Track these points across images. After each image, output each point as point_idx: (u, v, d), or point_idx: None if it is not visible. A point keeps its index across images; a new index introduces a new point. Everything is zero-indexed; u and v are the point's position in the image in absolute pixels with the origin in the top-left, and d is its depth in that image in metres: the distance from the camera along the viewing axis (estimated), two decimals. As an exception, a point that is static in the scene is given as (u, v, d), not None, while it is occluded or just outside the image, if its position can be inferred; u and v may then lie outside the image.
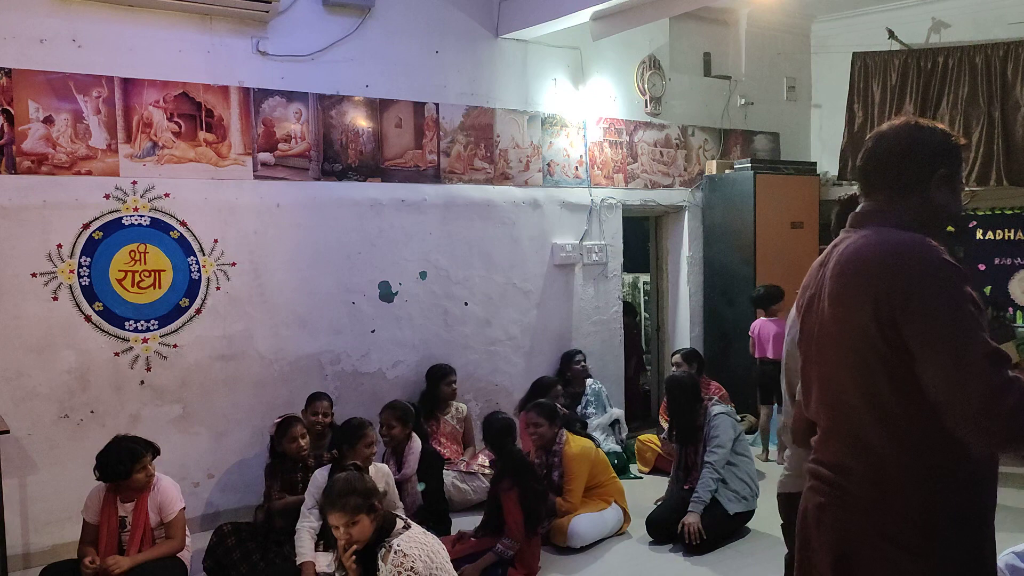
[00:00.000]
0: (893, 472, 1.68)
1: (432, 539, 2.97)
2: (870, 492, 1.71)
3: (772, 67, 7.19)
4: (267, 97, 4.76)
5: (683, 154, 6.69)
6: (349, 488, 2.88)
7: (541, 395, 5.29)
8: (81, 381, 4.27)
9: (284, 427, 4.19)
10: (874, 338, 1.64)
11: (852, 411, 1.74)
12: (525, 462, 4.15)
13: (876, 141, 1.85)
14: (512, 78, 5.70)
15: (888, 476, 1.68)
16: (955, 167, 1.82)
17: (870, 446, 1.70)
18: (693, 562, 4.14)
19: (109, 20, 4.29)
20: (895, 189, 1.80)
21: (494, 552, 3.86)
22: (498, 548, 3.87)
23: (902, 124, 1.84)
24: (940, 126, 1.84)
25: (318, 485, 3.70)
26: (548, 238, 5.91)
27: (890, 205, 1.80)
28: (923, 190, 1.78)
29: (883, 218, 1.79)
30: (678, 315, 6.86)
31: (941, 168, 1.78)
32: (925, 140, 1.80)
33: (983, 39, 6.25)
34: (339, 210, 5.01)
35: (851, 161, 6.80)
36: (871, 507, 1.71)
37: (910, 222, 1.75)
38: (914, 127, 1.82)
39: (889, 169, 1.81)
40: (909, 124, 1.83)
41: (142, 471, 3.58)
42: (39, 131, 4.15)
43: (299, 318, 4.90)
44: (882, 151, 1.83)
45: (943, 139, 1.81)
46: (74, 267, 4.25)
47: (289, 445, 4.15)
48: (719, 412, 4.47)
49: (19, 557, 4.09)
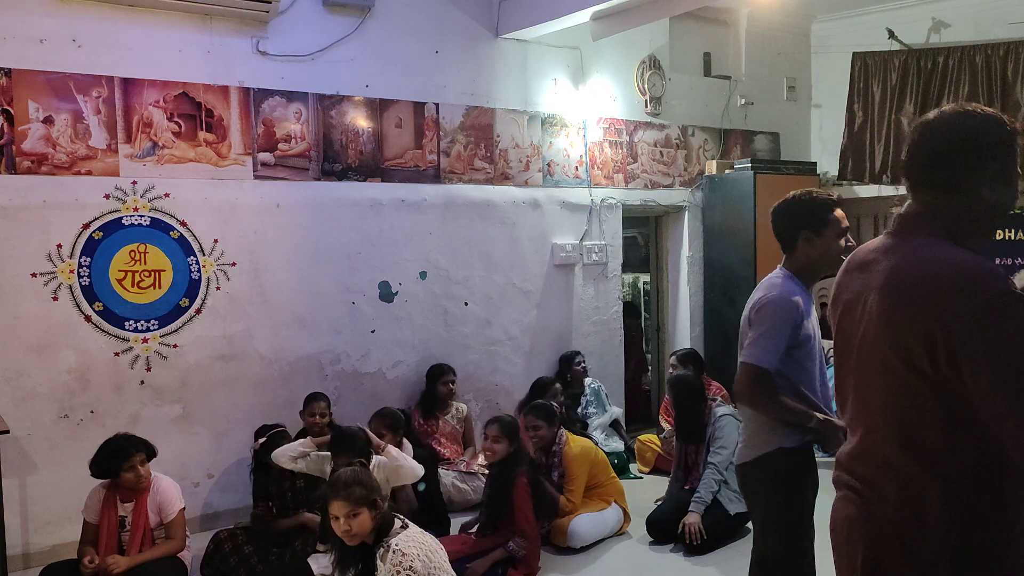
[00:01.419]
0: (930, 501, 1.60)
1: (430, 539, 2.97)
2: (903, 515, 1.63)
3: (772, 67, 7.19)
4: (267, 97, 4.76)
5: (683, 154, 6.69)
6: (355, 479, 2.88)
7: (540, 395, 5.29)
8: (81, 381, 4.27)
9: (270, 446, 4.08)
10: (922, 367, 1.55)
11: (879, 432, 1.68)
12: (532, 459, 4.18)
13: (921, 133, 1.69)
14: (512, 78, 5.70)
15: (924, 504, 1.61)
16: (1010, 159, 1.64)
17: (900, 470, 1.64)
18: (693, 562, 4.14)
19: (109, 20, 4.29)
20: (943, 188, 1.65)
21: (506, 548, 3.85)
22: (511, 546, 3.86)
23: (950, 112, 1.66)
24: (991, 112, 1.66)
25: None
26: (548, 238, 5.91)
27: (938, 207, 1.66)
28: (974, 188, 1.62)
29: (932, 224, 1.66)
30: (678, 315, 6.85)
31: (994, 163, 1.62)
32: (975, 130, 1.62)
33: (983, 39, 6.24)
34: (339, 210, 5.01)
35: (851, 161, 6.80)
36: (903, 530, 1.64)
37: (961, 226, 1.64)
38: (964, 115, 1.64)
39: (936, 166, 1.65)
40: (958, 112, 1.65)
41: (131, 471, 3.56)
42: (39, 131, 4.14)
43: (299, 318, 4.90)
44: (928, 145, 1.67)
45: (996, 127, 1.63)
46: (74, 267, 4.25)
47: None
48: (724, 413, 4.46)
49: (19, 557, 4.09)
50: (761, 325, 2.60)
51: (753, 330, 2.63)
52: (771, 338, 2.57)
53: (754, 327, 2.63)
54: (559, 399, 5.41)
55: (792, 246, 2.72)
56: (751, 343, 2.60)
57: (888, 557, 1.67)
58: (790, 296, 2.62)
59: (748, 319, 2.70)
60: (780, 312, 2.59)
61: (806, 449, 2.66)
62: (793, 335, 2.60)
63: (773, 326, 2.58)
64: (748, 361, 2.58)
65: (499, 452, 4.02)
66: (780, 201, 2.77)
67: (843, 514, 1.78)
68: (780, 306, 2.60)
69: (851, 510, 1.75)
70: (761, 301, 2.64)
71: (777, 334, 2.57)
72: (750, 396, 2.62)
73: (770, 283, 2.71)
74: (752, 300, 2.73)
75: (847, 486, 1.78)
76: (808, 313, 2.68)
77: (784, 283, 2.67)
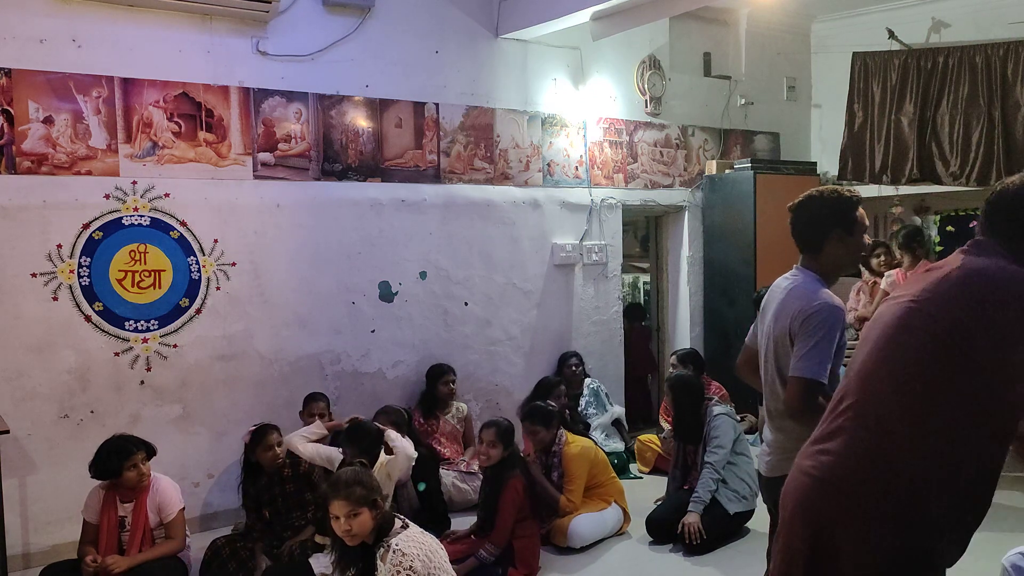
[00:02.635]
0: (899, 479, 1.72)
1: (430, 539, 2.97)
2: (860, 472, 1.76)
3: (772, 67, 7.19)
4: (267, 97, 4.76)
5: (683, 154, 6.69)
6: (356, 479, 2.88)
7: (544, 396, 5.30)
8: (81, 381, 4.27)
9: (259, 435, 4.07)
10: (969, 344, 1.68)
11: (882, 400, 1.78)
12: (525, 461, 4.19)
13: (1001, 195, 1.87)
14: (512, 78, 5.70)
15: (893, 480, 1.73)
16: None
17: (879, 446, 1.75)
18: (693, 562, 4.14)
19: (109, 20, 4.29)
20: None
21: (477, 557, 3.85)
22: (481, 553, 3.86)
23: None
24: None
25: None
26: (548, 238, 5.91)
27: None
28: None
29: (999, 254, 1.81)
30: (678, 315, 6.86)
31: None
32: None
33: (983, 39, 6.25)
34: (339, 210, 5.01)
35: (851, 161, 6.80)
36: (858, 487, 1.76)
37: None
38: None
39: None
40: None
41: (132, 469, 3.56)
42: (39, 131, 4.15)
43: (299, 318, 4.90)
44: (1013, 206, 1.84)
45: None
46: (74, 267, 4.25)
47: (264, 454, 4.04)
48: (720, 412, 4.48)
49: (19, 557, 4.09)
50: (813, 336, 2.44)
51: (803, 341, 2.46)
52: (824, 350, 2.44)
53: (803, 338, 2.46)
54: (563, 400, 5.41)
55: (820, 246, 2.58)
56: (804, 355, 2.43)
57: (839, 521, 1.77)
58: (838, 304, 2.49)
59: (791, 329, 2.51)
60: (832, 322, 2.46)
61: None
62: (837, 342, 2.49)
63: (826, 336, 2.44)
64: (804, 376, 2.42)
65: (493, 457, 4.01)
66: (804, 198, 2.61)
67: (794, 484, 1.89)
68: (833, 315, 2.47)
69: (806, 479, 1.85)
70: (809, 310, 2.47)
71: (829, 344, 2.44)
72: (808, 411, 2.39)
73: (807, 289, 2.54)
74: (793, 308, 2.52)
75: (811, 456, 1.88)
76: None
77: (823, 289, 2.53)
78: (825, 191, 2.61)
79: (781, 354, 2.56)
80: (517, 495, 3.93)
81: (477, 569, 3.85)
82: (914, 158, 6.48)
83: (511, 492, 3.92)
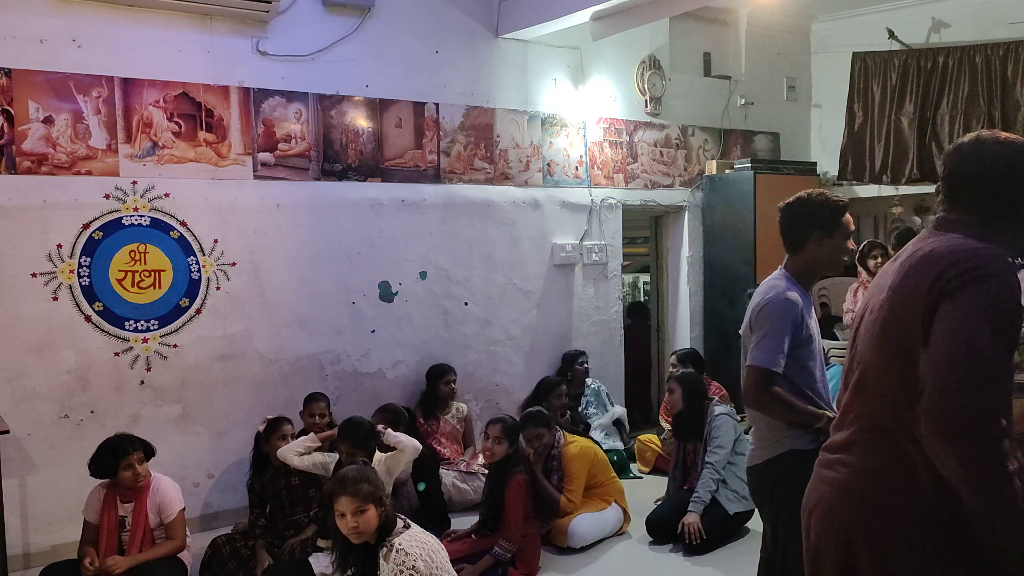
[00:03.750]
0: (920, 476, 1.68)
1: (432, 539, 2.97)
2: (889, 490, 1.72)
3: (772, 67, 7.19)
4: (267, 97, 4.76)
5: (683, 154, 6.69)
6: (362, 476, 2.88)
7: (545, 395, 5.29)
8: (81, 381, 4.27)
9: (275, 424, 4.17)
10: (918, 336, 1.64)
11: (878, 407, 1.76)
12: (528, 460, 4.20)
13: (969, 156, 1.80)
14: (512, 78, 5.70)
15: (914, 480, 1.69)
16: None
17: (893, 443, 1.72)
18: (693, 562, 4.14)
19: (109, 20, 4.29)
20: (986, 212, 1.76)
21: (492, 555, 3.86)
22: (496, 551, 3.86)
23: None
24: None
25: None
26: (548, 238, 5.91)
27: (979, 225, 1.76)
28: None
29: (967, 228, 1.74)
30: (678, 315, 6.85)
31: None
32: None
33: (983, 39, 6.25)
34: (339, 210, 5.01)
35: (851, 161, 6.80)
36: (882, 497, 1.73)
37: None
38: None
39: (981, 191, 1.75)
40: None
41: (128, 469, 3.56)
42: (39, 131, 4.15)
43: (299, 318, 4.90)
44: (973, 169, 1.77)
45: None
46: (74, 267, 4.25)
47: (278, 442, 4.12)
48: (720, 412, 4.48)
49: (19, 557, 4.09)
50: (763, 327, 2.62)
51: (755, 333, 2.65)
52: (773, 339, 2.58)
53: (756, 330, 2.65)
54: (563, 400, 5.40)
55: (801, 245, 2.73)
56: (755, 346, 2.62)
57: (866, 532, 1.74)
58: (787, 295, 2.64)
59: (750, 323, 2.72)
60: (780, 312, 2.61)
61: (818, 452, 2.65)
62: (795, 334, 2.62)
63: (774, 327, 2.59)
64: (754, 364, 2.60)
65: (498, 453, 4.03)
66: (792, 199, 2.75)
67: (818, 493, 1.87)
68: (779, 306, 2.62)
69: (828, 489, 1.83)
70: (761, 303, 2.66)
71: (779, 334, 2.59)
72: (758, 398, 2.61)
73: (768, 285, 2.73)
74: (752, 304, 2.74)
75: (830, 465, 1.86)
76: (808, 313, 2.70)
77: (782, 284, 2.69)
78: (813, 193, 2.75)
79: (747, 347, 2.70)
80: (522, 490, 3.94)
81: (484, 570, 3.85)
82: (914, 158, 6.48)
83: (516, 488, 3.92)
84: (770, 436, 2.67)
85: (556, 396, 5.30)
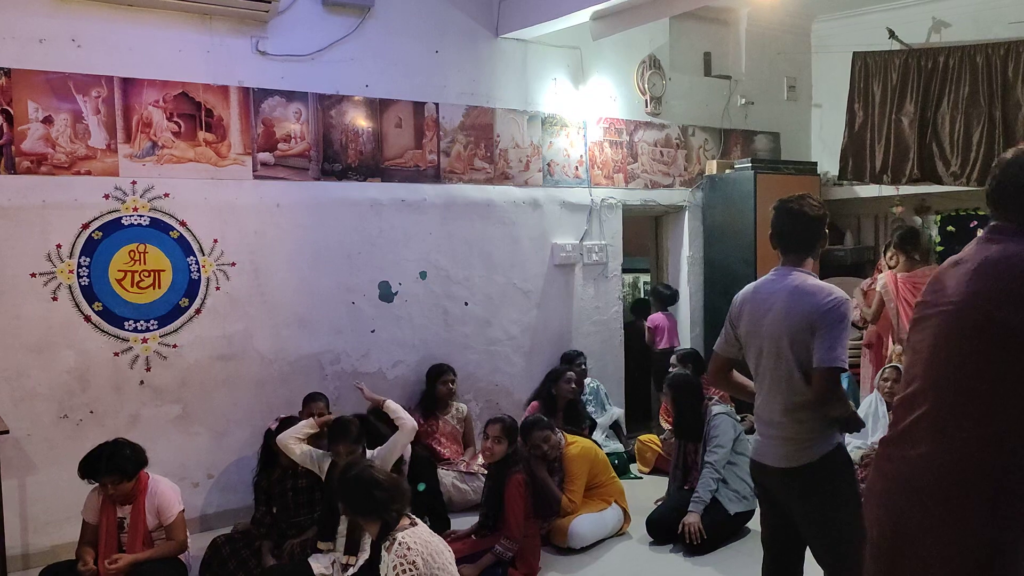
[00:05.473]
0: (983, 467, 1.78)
1: (438, 540, 3.01)
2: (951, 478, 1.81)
3: (772, 67, 7.19)
4: (267, 97, 4.75)
5: (683, 154, 6.69)
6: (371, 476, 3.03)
7: (554, 383, 5.25)
8: (81, 381, 4.27)
9: (288, 421, 4.13)
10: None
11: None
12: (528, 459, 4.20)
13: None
14: (512, 78, 5.70)
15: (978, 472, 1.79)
16: None
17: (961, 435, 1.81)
18: (693, 562, 4.14)
19: (109, 20, 4.28)
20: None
21: (493, 553, 3.86)
22: (497, 549, 3.87)
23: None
24: None
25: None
26: (548, 238, 5.91)
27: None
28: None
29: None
30: (678, 315, 6.85)
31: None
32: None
33: (983, 39, 6.24)
34: (339, 210, 5.01)
35: (851, 161, 6.80)
36: (948, 491, 1.81)
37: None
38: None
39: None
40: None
41: (104, 488, 3.54)
42: (38, 131, 4.14)
43: (299, 318, 4.90)
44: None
45: None
46: (74, 267, 4.24)
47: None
48: (719, 412, 4.48)
49: (18, 557, 4.09)
50: (835, 327, 2.59)
51: (827, 333, 2.58)
52: (844, 339, 2.61)
53: (826, 330, 2.59)
54: (572, 385, 5.31)
55: (812, 247, 2.81)
56: (830, 347, 2.57)
57: (924, 526, 1.83)
58: (847, 297, 2.70)
59: (811, 323, 2.62)
60: (848, 313, 2.65)
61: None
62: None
63: (846, 328, 2.63)
64: (832, 365, 2.56)
65: (498, 453, 4.03)
66: (811, 202, 2.79)
67: (879, 487, 1.97)
68: (848, 307, 2.65)
69: (892, 486, 1.91)
70: (830, 303, 2.61)
71: (847, 334, 2.64)
72: (835, 398, 2.59)
73: (818, 284, 2.70)
74: (809, 303, 2.64)
75: (890, 460, 1.94)
76: None
77: (828, 284, 2.73)
78: (815, 199, 2.85)
79: (799, 349, 2.65)
80: (521, 490, 3.94)
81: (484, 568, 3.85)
82: (915, 158, 6.47)
83: (515, 487, 3.92)
84: (818, 434, 2.68)
85: (566, 380, 5.26)
